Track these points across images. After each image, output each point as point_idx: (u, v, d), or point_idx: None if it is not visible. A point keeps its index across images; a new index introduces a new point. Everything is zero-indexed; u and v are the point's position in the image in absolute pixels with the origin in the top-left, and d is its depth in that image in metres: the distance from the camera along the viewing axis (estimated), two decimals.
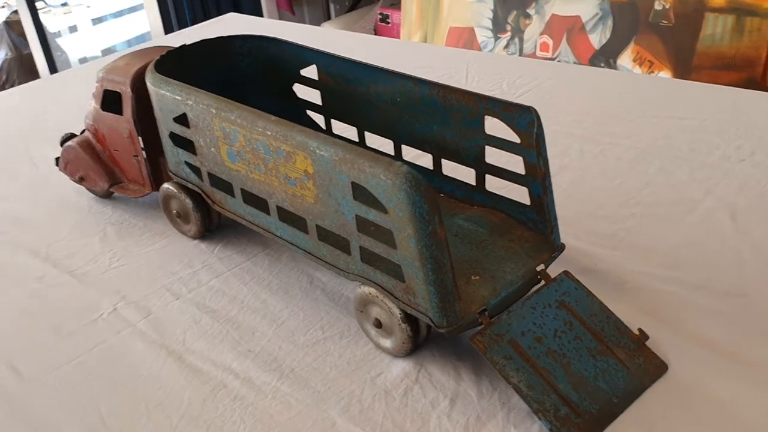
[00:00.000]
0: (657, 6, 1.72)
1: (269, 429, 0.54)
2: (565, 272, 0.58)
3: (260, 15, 2.69)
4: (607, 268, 0.65)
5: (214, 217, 0.76)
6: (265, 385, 0.58)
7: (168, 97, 0.66)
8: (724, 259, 0.66)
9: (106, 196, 0.87)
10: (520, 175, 0.61)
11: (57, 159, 0.87)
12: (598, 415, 0.51)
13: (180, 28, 2.47)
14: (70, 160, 0.84)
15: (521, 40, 1.98)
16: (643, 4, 1.74)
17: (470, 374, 0.57)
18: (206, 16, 2.57)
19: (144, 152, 0.78)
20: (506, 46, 2.01)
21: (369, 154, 0.51)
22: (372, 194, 0.52)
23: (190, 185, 0.71)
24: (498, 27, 2.01)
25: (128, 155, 0.79)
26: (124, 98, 0.76)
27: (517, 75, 1.09)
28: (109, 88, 0.77)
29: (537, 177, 0.59)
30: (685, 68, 1.71)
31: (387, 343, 0.59)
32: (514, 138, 0.60)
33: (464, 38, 2.08)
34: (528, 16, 1.96)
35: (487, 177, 0.64)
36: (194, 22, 2.53)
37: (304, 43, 0.76)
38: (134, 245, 0.78)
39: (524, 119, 0.58)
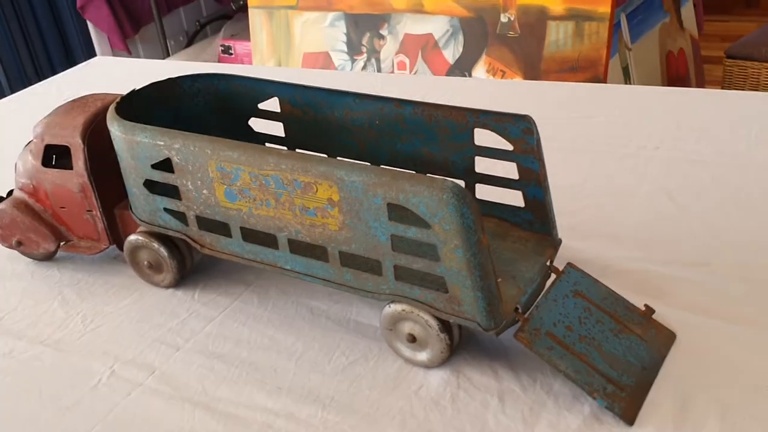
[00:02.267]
0: (503, 19, 1.86)
1: None
2: (569, 264, 0.63)
3: (94, 56, 2.57)
4: (586, 257, 0.71)
5: (188, 263, 0.74)
6: (311, 418, 0.58)
7: (146, 143, 0.64)
8: (679, 235, 0.74)
9: (46, 258, 0.81)
10: (514, 180, 0.65)
11: None
12: (636, 387, 0.57)
13: (10, 83, 2.32)
14: (3, 225, 0.78)
15: (378, 61, 2.05)
16: (489, 18, 1.87)
17: (507, 371, 0.60)
18: (36, 67, 2.43)
19: (99, 206, 0.74)
20: (363, 68, 2.07)
21: (405, 174, 0.53)
22: (404, 212, 0.54)
23: (171, 232, 0.69)
24: (353, 49, 2.07)
25: (79, 211, 0.75)
26: (75, 152, 0.72)
27: (426, 91, 1.14)
28: (53, 143, 0.73)
29: (532, 180, 0.64)
30: (534, 74, 1.86)
31: (422, 355, 0.60)
32: (504, 146, 0.64)
33: (320, 63, 2.12)
34: (382, 37, 2.03)
35: (477, 186, 0.68)
36: (25, 75, 2.38)
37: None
38: (102, 304, 0.73)
39: (517, 127, 0.63)
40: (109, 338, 0.69)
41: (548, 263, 0.63)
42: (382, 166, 0.54)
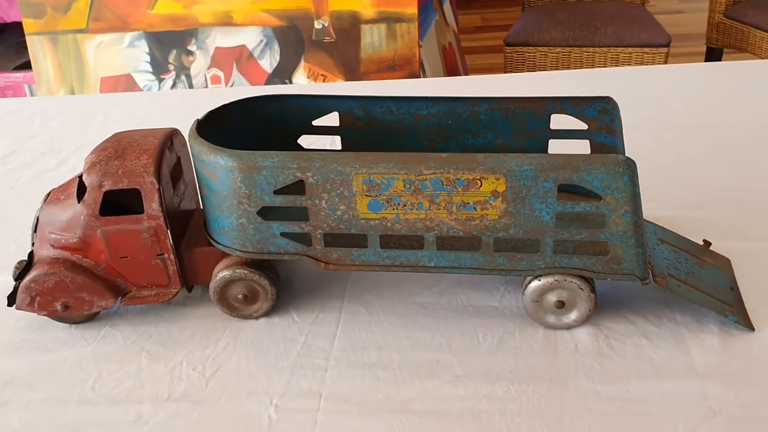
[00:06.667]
0: (317, 25, 1.92)
1: (561, 416, 0.60)
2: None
3: None
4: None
5: (280, 287, 0.72)
6: (508, 393, 0.62)
7: (272, 168, 0.63)
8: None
9: (88, 320, 0.73)
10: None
11: (10, 297, 0.71)
12: (737, 302, 0.70)
13: None
14: (43, 291, 0.70)
15: (189, 77, 2.00)
16: (303, 26, 1.93)
17: (634, 315, 0.70)
18: None
19: (173, 248, 0.70)
20: (173, 86, 2.00)
21: (576, 156, 0.61)
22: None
23: (286, 257, 0.68)
24: (159, 69, 1.99)
25: (146, 257, 0.70)
26: (147, 193, 0.67)
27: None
28: (116, 188, 0.67)
29: (603, 153, 0.74)
30: (354, 76, 1.96)
31: (569, 317, 0.68)
32: (579, 126, 0.74)
33: (121, 86, 2.01)
34: (190, 53, 1.98)
35: None
36: None
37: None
38: (199, 349, 0.69)
39: (594, 108, 0.72)
40: (240, 378, 0.66)
41: None
42: (541, 154, 0.61)
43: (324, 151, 0.63)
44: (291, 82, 1.96)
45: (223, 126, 0.74)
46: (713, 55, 2.39)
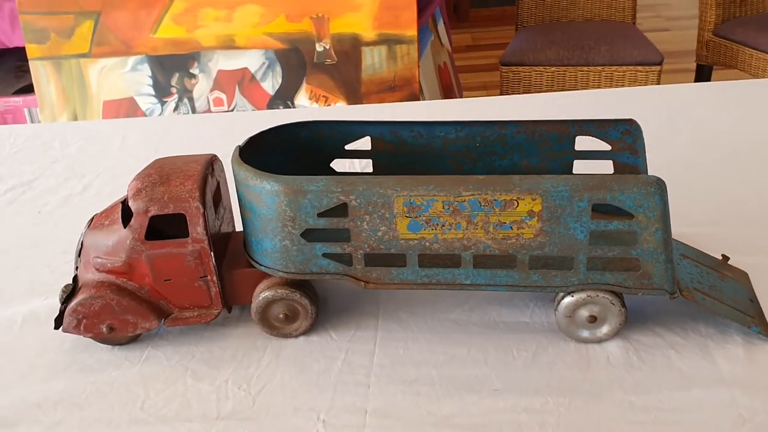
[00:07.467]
0: (318, 48, 1.96)
1: (599, 427, 0.62)
2: None
3: None
4: None
5: (319, 306, 0.75)
6: (545, 405, 0.65)
7: (317, 192, 0.65)
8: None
9: (130, 341, 0.75)
10: (609, 175, 0.78)
11: (57, 320, 0.72)
12: (757, 314, 0.73)
13: None
14: (89, 314, 0.72)
15: (191, 100, 2.02)
16: (305, 48, 1.96)
17: (661, 329, 0.72)
18: None
19: (215, 270, 0.72)
20: (176, 109, 2.03)
21: (608, 176, 0.64)
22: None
23: (327, 277, 0.70)
24: (161, 92, 2.02)
25: (190, 279, 0.72)
26: (192, 218, 0.70)
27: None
28: (162, 213, 0.69)
29: (626, 173, 0.78)
30: (356, 97, 1.99)
31: (601, 331, 0.71)
32: (603, 147, 0.77)
33: (124, 110, 2.03)
34: (193, 76, 2.01)
35: None
36: None
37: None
38: (242, 368, 0.71)
39: (617, 130, 0.76)
40: (285, 396, 0.68)
41: None
42: (578, 174, 0.63)
43: (365, 175, 0.66)
44: (293, 104, 1.99)
45: (260, 151, 0.76)
46: (703, 72, 2.45)
